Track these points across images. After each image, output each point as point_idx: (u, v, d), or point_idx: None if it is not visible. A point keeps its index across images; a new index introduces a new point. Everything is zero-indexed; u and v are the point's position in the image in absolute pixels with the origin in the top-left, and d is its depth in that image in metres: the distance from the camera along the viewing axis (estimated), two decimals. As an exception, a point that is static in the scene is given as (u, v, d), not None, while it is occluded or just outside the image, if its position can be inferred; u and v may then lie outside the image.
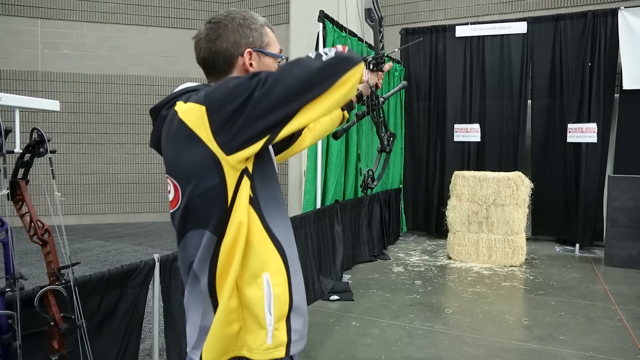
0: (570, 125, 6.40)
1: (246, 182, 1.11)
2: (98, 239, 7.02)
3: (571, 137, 6.39)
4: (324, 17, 4.66)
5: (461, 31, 6.96)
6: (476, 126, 6.94)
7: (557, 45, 6.49)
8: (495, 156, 6.86)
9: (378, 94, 1.74)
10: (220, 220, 1.10)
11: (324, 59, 1.06)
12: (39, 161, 1.83)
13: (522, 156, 6.72)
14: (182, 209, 1.14)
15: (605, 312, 4.03)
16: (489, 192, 5.66)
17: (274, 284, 1.14)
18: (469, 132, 6.99)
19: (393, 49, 2.00)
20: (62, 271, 1.82)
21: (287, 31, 7.97)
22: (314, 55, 1.08)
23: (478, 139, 6.94)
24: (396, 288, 4.72)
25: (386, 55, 1.67)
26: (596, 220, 6.34)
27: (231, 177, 1.09)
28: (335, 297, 4.34)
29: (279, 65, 1.28)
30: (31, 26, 8.04)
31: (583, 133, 6.31)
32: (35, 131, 1.77)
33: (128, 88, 8.51)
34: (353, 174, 5.46)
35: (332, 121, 1.64)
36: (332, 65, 1.05)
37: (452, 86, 7.08)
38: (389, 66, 1.70)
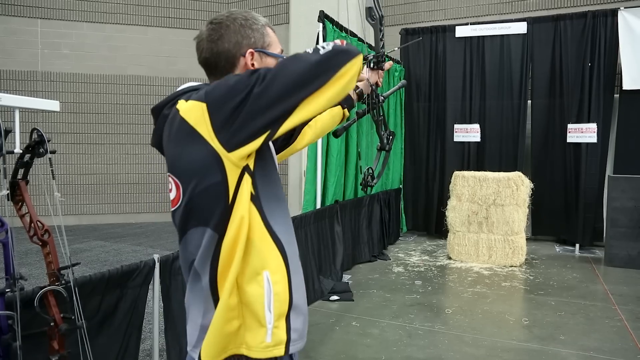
0: (570, 126, 6.40)
1: (247, 179, 1.11)
2: (98, 239, 7.02)
3: (571, 137, 6.39)
4: (323, 17, 4.66)
5: (461, 31, 6.96)
6: (476, 126, 6.94)
7: (557, 46, 6.49)
8: (495, 156, 6.86)
9: (378, 92, 1.74)
10: (221, 217, 1.10)
11: (322, 52, 1.06)
12: (38, 161, 1.83)
13: (522, 156, 6.72)
14: (183, 206, 1.14)
15: (605, 312, 4.03)
16: (489, 192, 5.66)
17: (274, 282, 1.13)
18: (468, 132, 6.99)
19: (392, 48, 2.00)
20: (62, 271, 1.82)
21: (287, 31, 7.96)
22: (311, 50, 1.08)
23: (478, 139, 6.94)
24: (396, 288, 4.72)
25: (386, 55, 1.67)
26: (596, 220, 6.35)
27: (232, 174, 1.09)
28: (335, 298, 4.34)
29: None
30: (31, 26, 8.04)
31: (583, 133, 6.31)
32: (35, 131, 1.77)
33: (128, 88, 8.51)
34: (353, 174, 5.46)
35: (333, 119, 1.64)
36: (329, 58, 1.05)
37: (452, 86, 7.08)
38: (389, 65, 1.70)
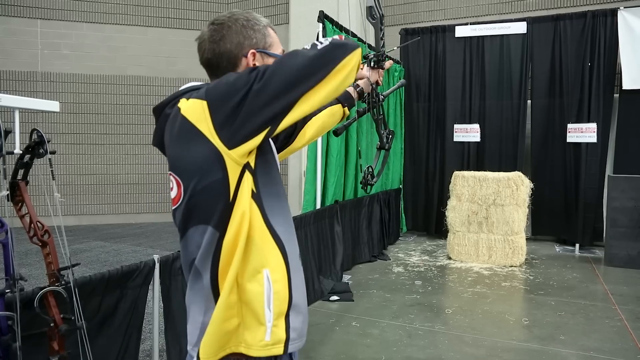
0: (570, 125, 6.40)
1: (248, 177, 1.11)
2: (98, 240, 7.01)
3: (571, 137, 6.39)
4: (323, 17, 4.66)
5: (461, 31, 6.96)
6: (476, 126, 6.94)
7: (556, 46, 6.49)
8: (495, 156, 6.86)
9: (378, 91, 1.74)
10: (222, 215, 1.10)
11: (319, 47, 1.06)
12: (38, 162, 1.83)
13: (522, 156, 6.72)
14: (184, 205, 1.14)
15: (605, 312, 4.02)
16: (488, 192, 5.66)
17: (274, 280, 1.13)
18: (468, 132, 6.99)
19: (392, 47, 2.00)
20: (62, 272, 1.82)
21: (287, 31, 7.96)
22: (310, 45, 1.09)
23: (478, 139, 6.94)
24: (396, 288, 4.72)
25: (386, 54, 1.67)
26: (596, 220, 6.34)
27: (233, 172, 1.09)
28: (335, 298, 4.34)
29: None
30: (31, 26, 8.03)
31: (583, 133, 6.31)
32: (35, 132, 1.77)
33: (128, 89, 8.50)
34: (353, 174, 5.46)
35: (333, 117, 1.63)
36: (327, 53, 1.06)
37: (451, 86, 7.07)
38: (389, 64, 1.70)
